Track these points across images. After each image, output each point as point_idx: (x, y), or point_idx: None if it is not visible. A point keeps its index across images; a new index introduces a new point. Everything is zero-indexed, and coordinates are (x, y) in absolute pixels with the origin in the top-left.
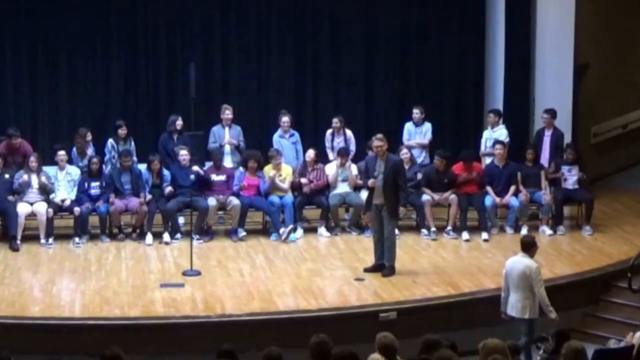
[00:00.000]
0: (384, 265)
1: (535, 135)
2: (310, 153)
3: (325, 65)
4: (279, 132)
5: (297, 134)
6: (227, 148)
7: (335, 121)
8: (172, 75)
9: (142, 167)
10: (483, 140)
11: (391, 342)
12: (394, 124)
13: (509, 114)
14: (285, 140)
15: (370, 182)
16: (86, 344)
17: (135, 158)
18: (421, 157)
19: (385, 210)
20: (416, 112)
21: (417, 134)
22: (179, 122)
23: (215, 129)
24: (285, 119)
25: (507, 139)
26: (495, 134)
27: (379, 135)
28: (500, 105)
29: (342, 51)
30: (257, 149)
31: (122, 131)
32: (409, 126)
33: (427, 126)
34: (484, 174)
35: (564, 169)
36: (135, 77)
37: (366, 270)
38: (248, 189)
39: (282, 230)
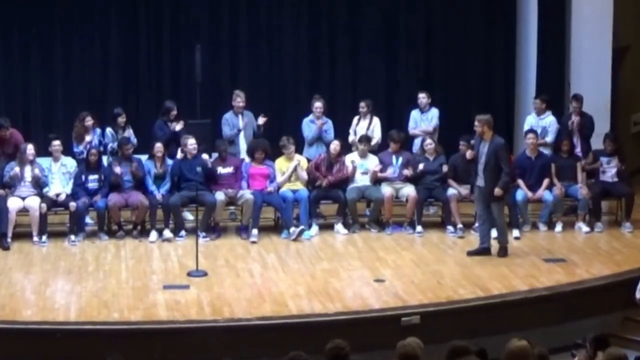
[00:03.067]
0: (488, 249)
1: (561, 123)
2: (335, 145)
3: (343, 47)
4: (310, 117)
5: (330, 122)
6: (242, 135)
7: (362, 105)
8: (176, 58)
9: (143, 157)
10: (527, 127)
11: (412, 350)
12: None
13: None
14: (314, 126)
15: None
16: (82, 350)
17: (134, 140)
18: None
19: (486, 193)
20: (422, 97)
21: (422, 121)
22: (173, 113)
23: (228, 116)
24: (318, 105)
25: (556, 126)
26: (542, 122)
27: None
28: (532, 91)
29: (361, 32)
30: (269, 137)
31: (122, 119)
32: (414, 114)
33: (434, 112)
34: (514, 166)
35: (602, 160)
36: (136, 60)
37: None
38: (259, 179)
39: (292, 229)
